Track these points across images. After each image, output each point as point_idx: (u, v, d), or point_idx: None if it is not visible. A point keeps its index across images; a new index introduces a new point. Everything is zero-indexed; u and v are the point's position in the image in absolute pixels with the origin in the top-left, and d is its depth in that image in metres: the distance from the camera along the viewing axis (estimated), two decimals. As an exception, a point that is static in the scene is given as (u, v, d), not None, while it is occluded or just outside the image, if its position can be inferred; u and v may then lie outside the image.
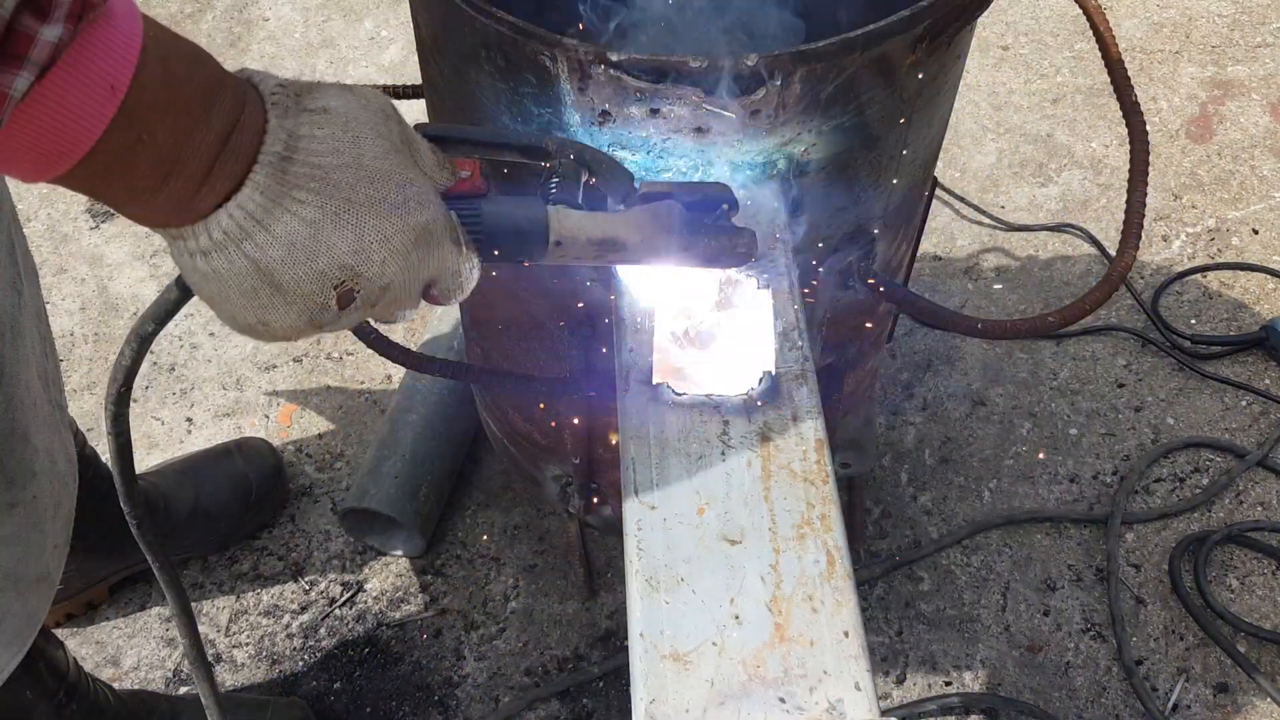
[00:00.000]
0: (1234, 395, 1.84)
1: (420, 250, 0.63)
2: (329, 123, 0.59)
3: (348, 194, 0.59)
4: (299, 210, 0.58)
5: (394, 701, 1.53)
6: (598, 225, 0.73)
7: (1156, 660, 1.56)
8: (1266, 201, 2.13)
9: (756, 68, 0.81)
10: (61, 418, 1.09)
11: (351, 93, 0.62)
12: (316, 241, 0.59)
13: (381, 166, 0.60)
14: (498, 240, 0.70)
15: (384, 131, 0.61)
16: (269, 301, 0.60)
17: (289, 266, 0.59)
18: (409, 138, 0.64)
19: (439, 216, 0.63)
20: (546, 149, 0.75)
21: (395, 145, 0.62)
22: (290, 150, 0.58)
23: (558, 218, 0.72)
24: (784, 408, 0.76)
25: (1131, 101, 1.03)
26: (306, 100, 0.60)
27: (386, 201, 0.60)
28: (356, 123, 0.60)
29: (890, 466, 1.77)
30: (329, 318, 0.62)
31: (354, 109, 0.61)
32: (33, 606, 1.01)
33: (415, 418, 1.65)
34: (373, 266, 0.61)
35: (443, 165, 0.66)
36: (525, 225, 0.70)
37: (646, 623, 0.64)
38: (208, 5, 2.51)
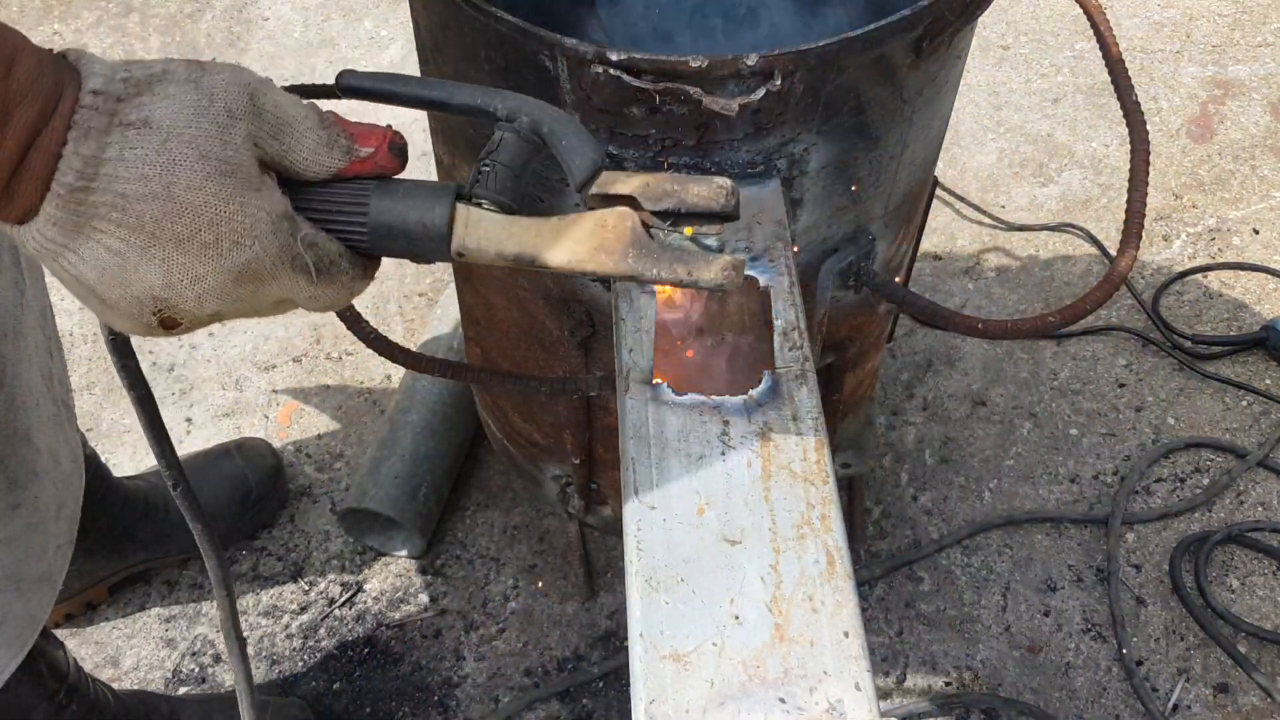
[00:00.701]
0: (1234, 395, 1.84)
1: (246, 286, 0.57)
2: (143, 142, 0.53)
3: (153, 229, 0.54)
4: (102, 240, 0.54)
5: (393, 702, 1.53)
6: (514, 237, 0.61)
7: (1157, 660, 1.56)
8: (1267, 201, 2.12)
9: (756, 67, 0.81)
10: (68, 417, 1.09)
11: (194, 89, 0.55)
12: (125, 271, 0.54)
13: (194, 199, 0.54)
14: (384, 242, 0.60)
15: (213, 148, 0.54)
16: (101, 309, 0.57)
17: (105, 288, 0.55)
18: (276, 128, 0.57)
19: (266, 251, 0.56)
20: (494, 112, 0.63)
21: (223, 165, 0.55)
22: (87, 179, 0.52)
23: (466, 223, 0.61)
24: (784, 408, 0.76)
25: (1132, 101, 1.03)
26: (126, 110, 0.54)
27: (195, 240, 0.54)
28: (179, 140, 0.54)
29: (890, 467, 1.76)
30: (161, 334, 0.58)
31: (182, 120, 0.54)
32: (34, 607, 1.01)
33: (415, 418, 1.65)
34: (188, 302, 0.56)
35: (334, 144, 0.59)
36: (417, 230, 0.60)
37: (646, 623, 0.64)
38: (207, 5, 2.51)
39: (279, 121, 0.58)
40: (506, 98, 0.63)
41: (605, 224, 0.62)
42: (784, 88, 0.83)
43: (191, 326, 0.58)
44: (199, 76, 0.56)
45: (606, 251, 0.61)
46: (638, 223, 0.62)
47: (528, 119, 0.62)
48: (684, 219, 0.64)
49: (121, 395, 1.84)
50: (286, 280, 0.58)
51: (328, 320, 1.90)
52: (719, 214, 0.63)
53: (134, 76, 0.55)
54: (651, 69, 0.82)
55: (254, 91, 0.57)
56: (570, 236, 0.62)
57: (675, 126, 0.86)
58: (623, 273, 0.61)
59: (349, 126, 0.60)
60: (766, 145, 0.89)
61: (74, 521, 1.08)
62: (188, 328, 0.58)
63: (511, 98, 0.63)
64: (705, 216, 0.63)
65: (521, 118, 0.62)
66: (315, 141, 0.59)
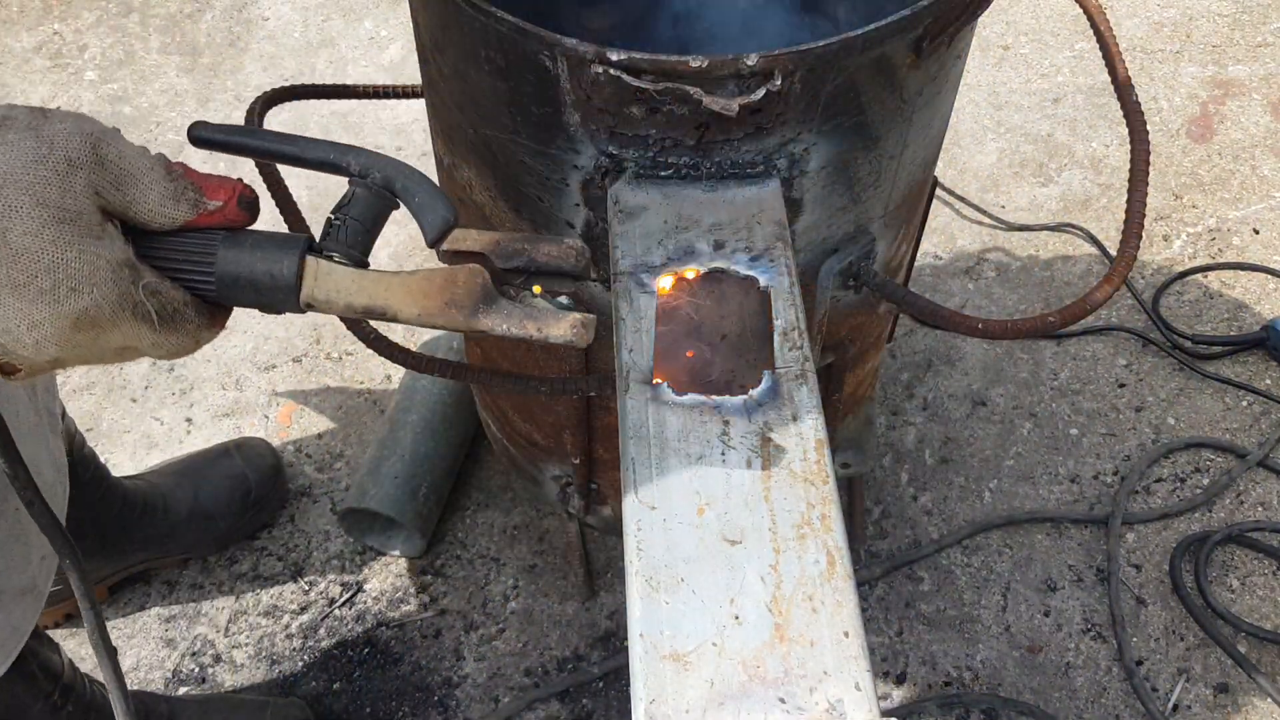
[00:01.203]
0: (1235, 395, 1.84)
1: (85, 333, 0.56)
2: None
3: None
4: None
5: (393, 702, 1.53)
6: (364, 290, 0.62)
7: (1157, 660, 1.56)
8: (1267, 201, 2.12)
9: (756, 67, 0.81)
10: (51, 425, 1.09)
11: (34, 136, 0.55)
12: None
13: (30, 245, 0.53)
14: (232, 292, 0.61)
15: (51, 195, 0.54)
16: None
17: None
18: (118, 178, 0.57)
19: (106, 298, 0.56)
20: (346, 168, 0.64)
21: (62, 213, 0.54)
22: None
23: (315, 274, 0.61)
24: (784, 408, 0.76)
25: (1132, 101, 1.03)
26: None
27: (31, 286, 0.54)
28: (15, 187, 0.53)
29: (890, 467, 1.76)
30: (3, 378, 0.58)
31: (19, 167, 0.54)
32: (17, 619, 1.01)
33: (415, 418, 1.65)
34: (25, 349, 0.56)
35: (180, 196, 0.59)
36: (265, 281, 0.60)
37: (646, 623, 0.64)
38: (207, 5, 2.51)
39: (122, 172, 0.57)
40: (359, 154, 0.64)
41: (455, 280, 0.63)
42: (784, 88, 0.83)
43: (31, 373, 0.58)
44: (39, 124, 0.56)
45: (457, 306, 0.62)
46: (488, 279, 0.63)
47: (380, 175, 0.63)
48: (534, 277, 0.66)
49: (122, 395, 1.84)
50: (128, 328, 0.58)
51: (328, 320, 1.90)
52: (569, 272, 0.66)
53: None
54: (651, 69, 0.81)
55: (96, 141, 0.57)
56: (420, 291, 0.62)
57: (675, 126, 0.86)
58: (473, 327, 0.63)
59: (198, 179, 0.61)
60: (766, 145, 0.89)
61: None
62: (27, 374, 0.58)
63: (364, 154, 0.64)
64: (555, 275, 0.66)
65: (374, 174, 0.63)
66: (161, 193, 0.58)
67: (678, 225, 0.87)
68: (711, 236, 0.87)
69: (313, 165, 0.65)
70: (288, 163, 0.66)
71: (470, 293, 0.63)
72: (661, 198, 0.89)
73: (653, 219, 0.88)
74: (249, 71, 2.37)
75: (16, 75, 2.35)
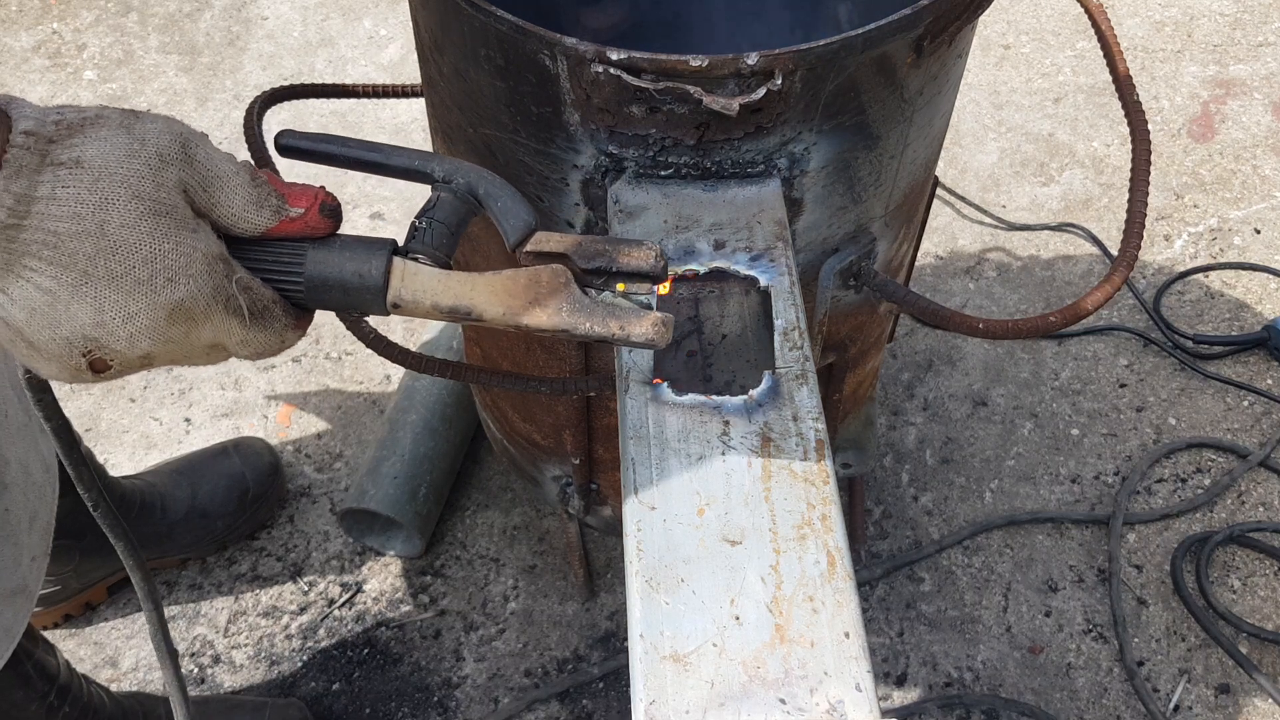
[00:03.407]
0: (1236, 395, 1.84)
1: (179, 326, 0.57)
2: (75, 181, 0.53)
3: (85, 266, 0.54)
4: (33, 278, 0.54)
5: (393, 702, 1.53)
6: (450, 290, 0.63)
7: (1158, 661, 1.56)
8: (1268, 201, 2.12)
9: (757, 67, 0.81)
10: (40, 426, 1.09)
11: (126, 133, 0.56)
12: (55, 311, 0.54)
13: (128, 236, 0.54)
14: (321, 294, 0.61)
15: (146, 189, 0.55)
16: (28, 353, 0.57)
17: (33, 330, 0.55)
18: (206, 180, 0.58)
19: (201, 290, 0.57)
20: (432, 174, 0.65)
21: (157, 205, 0.55)
22: (18, 217, 0.52)
23: (402, 275, 0.62)
24: (784, 408, 0.75)
25: (1133, 101, 1.02)
26: (57, 151, 0.54)
27: (130, 276, 0.54)
28: (111, 180, 0.54)
29: (891, 467, 1.76)
30: (89, 378, 0.58)
31: (114, 160, 0.54)
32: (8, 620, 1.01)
33: (414, 418, 1.64)
34: (119, 342, 0.56)
35: (264, 203, 0.60)
36: (354, 282, 0.61)
37: (646, 623, 0.64)
38: (206, 4, 2.51)
39: (209, 174, 0.58)
40: (443, 161, 0.65)
41: (539, 279, 0.64)
42: (784, 87, 0.83)
43: (121, 370, 0.58)
44: (131, 123, 0.56)
45: (541, 305, 0.63)
46: (571, 279, 0.64)
47: (464, 181, 0.64)
48: (615, 277, 0.66)
49: (121, 395, 1.84)
50: (219, 321, 0.58)
51: (327, 320, 1.90)
52: (648, 274, 0.66)
53: (66, 119, 0.55)
54: (651, 68, 0.81)
55: (186, 141, 0.57)
56: (505, 290, 0.63)
57: (675, 126, 0.86)
58: (556, 326, 0.63)
59: (281, 186, 0.61)
60: (766, 145, 0.88)
61: (48, 532, 1.07)
62: (117, 371, 0.58)
63: (448, 161, 0.65)
64: (635, 276, 0.66)
65: (458, 179, 0.64)
66: (245, 198, 0.59)
67: (678, 225, 0.87)
68: (712, 236, 0.86)
69: (397, 172, 0.66)
70: (373, 171, 0.67)
71: (554, 292, 0.64)
72: (661, 197, 0.89)
73: (653, 219, 0.88)
74: (248, 71, 2.37)
75: (15, 75, 2.35)
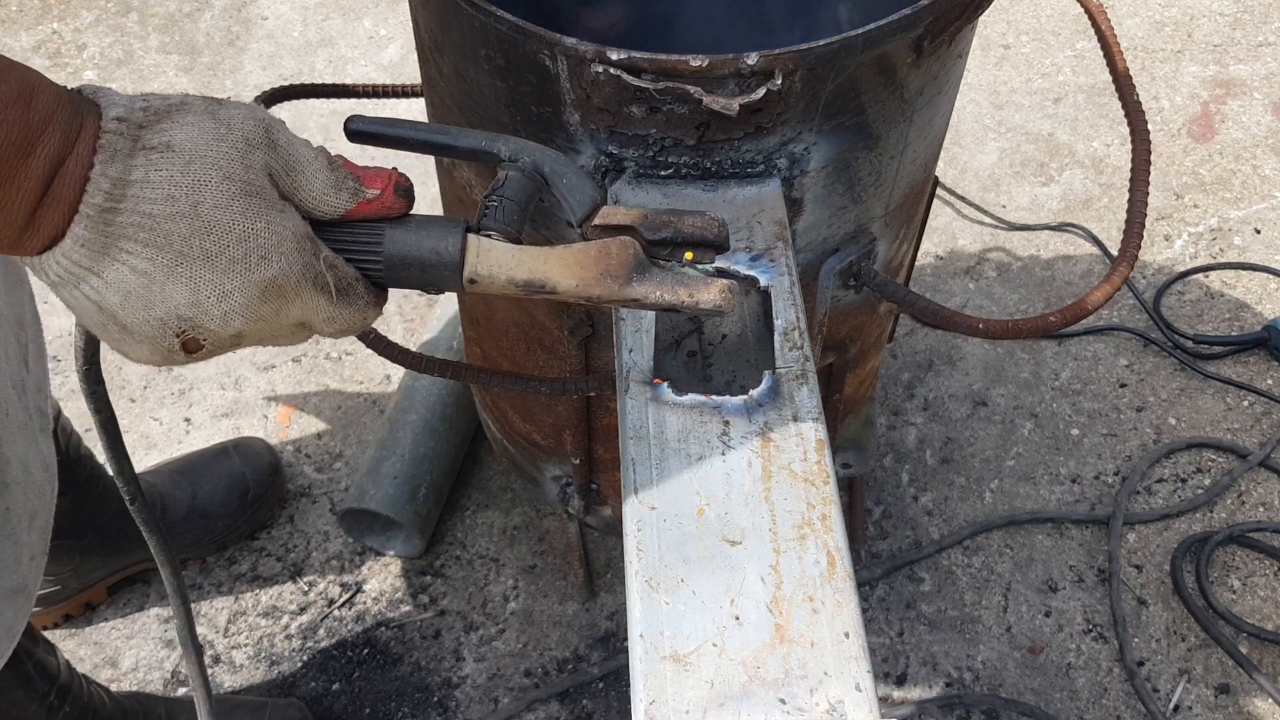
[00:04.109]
0: (1236, 395, 1.84)
1: (271, 303, 0.58)
2: (168, 164, 0.55)
3: (180, 246, 0.55)
4: (129, 261, 0.55)
5: (393, 702, 1.53)
6: (524, 264, 0.64)
7: (1158, 661, 1.56)
8: (1269, 201, 2.12)
9: (757, 67, 0.81)
10: (41, 425, 1.09)
11: (212, 119, 0.57)
12: (150, 292, 0.55)
13: (221, 216, 0.55)
14: (399, 272, 0.63)
15: (236, 170, 0.56)
16: (119, 337, 0.58)
17: (128, 312, 0.56)
18: (288, 164, 0.59)
19: (292, 267, 0.58)
20: (498, 155, 0.67)
21: (247, 186, 0.57)
22: (115, 200, 0.54)
23: (478, 251, 0.63)
24: (784, 408, 0.75)
25: (1133, 101, 1.02)
26: (148, 135, 0.55)
27: (224, 255, 0.56)
28: (202, 162, 0.55)
29: (891, 467, 1.76)
30: (181, 359, 0.59)
31: (204, 144, 0.56)
32: (8, 619, 1.01)
33: (414, 418, 1.64)
34: (213, 320, 0.57)
35: (342, 185, 0.61)
36: (431, 259, 0.62)
37: (646, 623, 0.64)
38: (206, 4, 2.51)
39: (291, 158, 0.60)
40: (509, 141, 0.67)
41: (609, 251, 0.66)
42: (784, 87, 0.83)
43: (213, 350, 0.60)
44: (216, 109, 0.58)
45: (612, 276, 0.65)
46: (640, 250, 0.66)
47: (530, 160, 0.66)
48: (680, 248, 0.68)
49: (121, 395, 1.84)
50: (309, 298, 0.60)
51: (327, 320, 1.90)
52: (713, 243, 0.68)
53: (153, 106, 0.57)
54: (651, 68, 0.81)
55: (268, 126, 0.59)
56: (577, 262, 0.65)
57: (675, 126, 0.86)
58: (627, 296, 0.65)
59: (356, 170, 0.62)
60: (766, 145, 0.88)
61: (47, 531, 1.07)
62: (209, 351, 0.59)
63: (514, 141, 0.67)
64: (700, 245, 0.68)
65: (524, 158, 0.66)
66: (324, 181, 0.60)
67: (678, 225, 0.87)
68: (712, 236, 0.86)
69: (465, 154, 0.68)
70: (441, 153, 0.69)
71: (624, 263, 0.65)
72: (661, 197, 0.89)
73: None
74: (248, 71, 2.37)
75: (16, 75, 2.35)
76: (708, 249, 0.68)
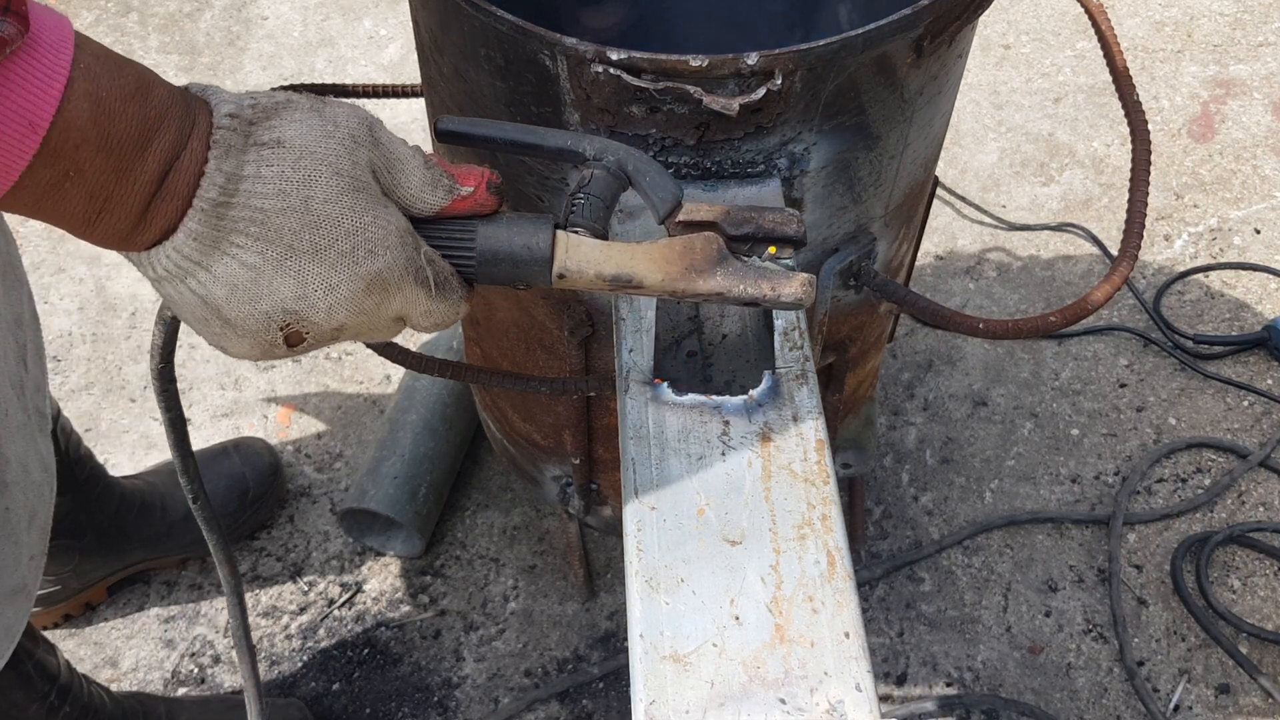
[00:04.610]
0: (1236, 395, 1.84)
1: (374, 297, 0.60)
2: (279, 159, 0.56)
3: (290, 240, 0.56)
4: (239, 254, 0.56)
5: (393, 702, 1.53)
6: (612, 259, 0.66)
7: (1158, 661, 1.56)
8: (1269, 201, 2.12)
9: (757, 67, 0.81)
10: (40, 425, 1.09)
11: (319, 116, 0.58)
12: (258, 285, 0.56)
13: (331, 211, 0.57)
14: (491, 268, 0.65)
15: (344, 166, 0.57)
16: (221, 331, 0.59)
17: (233, 305, 0.57)
18: (389, 161, 0.60)
19: (396, 262, 0.60)
20: (583, 154, 0.68)
21: (355, 182, 0.58)
22: (228, 194, 0.55)
23: (566, 247, 0.65)
24: (784, 408, 0.75)
25: (1133, 100, 1.02)
26: (259, 132, 0.56)
27: (333, 249, 0.57)
28: (312, 158, 0.56)
29: (891, 467, 1.76)
30: (282, 352, 0.60)
31: (313, 140, 0.57)
32: (8, 619, 1.01)
33: (414, 418, 1.64)
34: (318, 314, 0.58)
35: (437, 183, 0.62)
36: (523, 255, 0.64)
37: (646, 623, 0.64)
38: (206, 4, 2.51)
39: (392, 155, 0.61)
40: (593, 140, 0.69)
41: (693, 246, 0.67)
42: (784, 87, 0.83)
43: (314, 344, 0.61)
44: (321, 107, 0.59)
45: (696, 271, 0.66)
46: (723, 245, 0.67)
47: (614, 158, 0.68)
48: (761, 243, 0.69)
49: (121, 395, 1.84)
50: (410, 292, 0.61)
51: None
52: (792, 238, 0.69)
53: (260, 103, 0.58)
54: (651, 68, 0.81)
55: (371, 124, 0.60)
56: (663, 258, 0.66)
57: (675, 126, 0.86)
58: (712, 290, 0.66)
59: (449, 168, 0.64)
60: (766, 145, 0.88)
61: (46, 532, 1.08)
62: (310, 344, 0.61)
63: (597, 141, 0.69)
64: (781, 240, 0.69)
65: (608, 157, 0.68)
66: (421, 179, 0.62)
67: (678, 224, 0.87)
68: (712, 236, 0.86)
69: (551, 154, 0.69)
70: (527, 152, 0.70)
71: (708, 258, 0.67)
72: (661, 197, 0.89)
73: (652, 219, 0.87)
74: (248, 71, 2.37)
75: (16, 75, 2.35)
76: (788, 244, 0.69)
